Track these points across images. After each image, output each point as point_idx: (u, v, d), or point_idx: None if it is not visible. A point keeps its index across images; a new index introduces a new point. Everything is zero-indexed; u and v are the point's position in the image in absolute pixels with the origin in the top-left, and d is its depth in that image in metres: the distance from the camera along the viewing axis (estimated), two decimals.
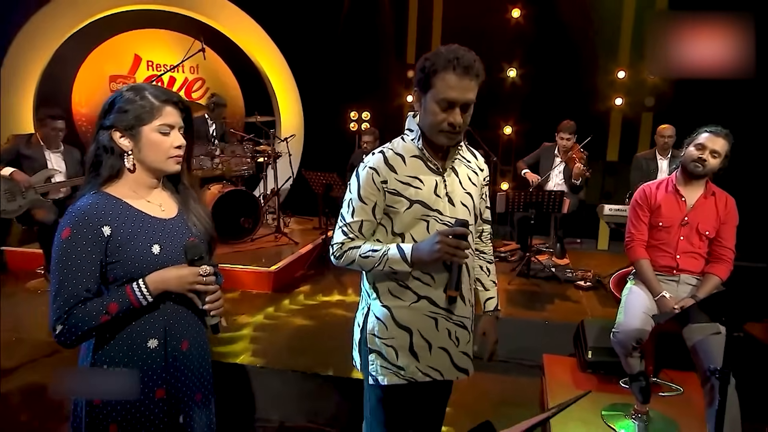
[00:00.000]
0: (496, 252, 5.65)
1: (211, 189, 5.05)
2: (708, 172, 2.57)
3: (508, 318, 4.18)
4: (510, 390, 3.63)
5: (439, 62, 1.59)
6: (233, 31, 6.90)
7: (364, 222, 1.71)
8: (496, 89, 6.78)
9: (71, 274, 1.32)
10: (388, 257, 1.66)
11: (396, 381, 1.74)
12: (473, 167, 1.84)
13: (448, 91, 1.59)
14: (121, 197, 1.42)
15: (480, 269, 1.97)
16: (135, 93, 1.41)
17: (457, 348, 1.79)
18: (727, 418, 2.28)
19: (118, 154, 1.42)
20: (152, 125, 1.41)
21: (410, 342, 1.74)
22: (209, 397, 1.58)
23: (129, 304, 1.35)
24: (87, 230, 1.34)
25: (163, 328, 1.44)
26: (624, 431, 2.80)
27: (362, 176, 1.71)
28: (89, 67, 6.61)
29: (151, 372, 1.42)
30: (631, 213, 2.75)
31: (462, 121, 1.63)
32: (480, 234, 1.96)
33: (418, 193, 1.69)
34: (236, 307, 4.10)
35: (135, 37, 6.77)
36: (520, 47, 6.70)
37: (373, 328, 1.77)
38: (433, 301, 1.72)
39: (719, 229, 2.60)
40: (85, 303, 1.33)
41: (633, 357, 2.62)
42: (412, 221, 1.70)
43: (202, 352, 1.55)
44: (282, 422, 3.04)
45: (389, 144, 1.78)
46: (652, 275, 2.62)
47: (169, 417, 1.45)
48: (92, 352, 1.40)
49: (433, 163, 1.72)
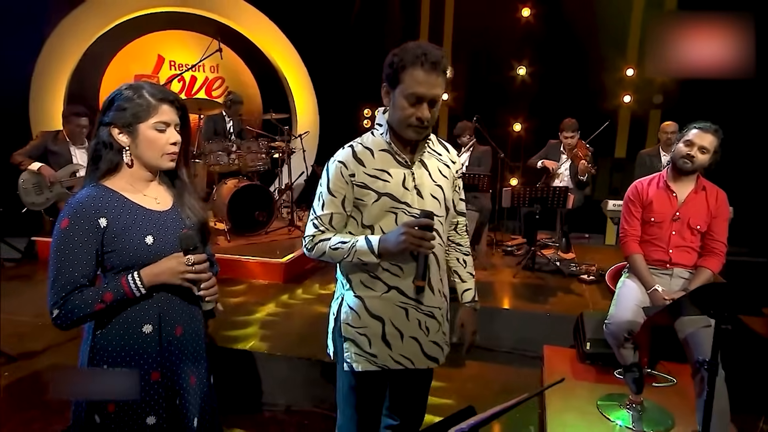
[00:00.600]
0: (503, 246, 5.65)
1: (228, 183, 5.13)
2: (697, 168, 2.55)
3: (511, 310, 4.20)
4: (512, 380, 3.65)
5: (407, 58, 1.58)
6: (251, 32, 6.98)
7: (334, 215, 1.72)
8: (506, 87, 6.75)
9: (68, 261, 1.37)
10: (356, 249, 1.66)
11: (369, 368, 1.75)
12: (444, 160, 1.83)
13: (416, 86, 1.58)
14: (118, 190, 1.47)
15: (456, 261, 1.97)
16: (133, 91, 1.45)
17: (427, 337, 1.79)
18: (715, 409, 2.28)
19: (116, 149, 1.46)
20: (149, 123, 1.45)
21: (383, 331, 1.75)
22: (204, 380, 1.61)
23: (123, 294, 1.39)
24: (84, 221, 1.38)
25: (157, 315, 1.48)
26: (618, 420, 2.80)
27: (331, 170, 1.71)
28: (116, 66, 6.75)
29: (146, 356, 1.46)
30: (624, 209, 2.74)
31: (430, 115, 1.62)
32: (455, 226, 1.95)
33: (386, 186, 1.69)
34: (248, 297, 4.17)
35: (158, 38, 6.89)
36: (530, 46, 6.65)
37: (346, 318, 1.77)
38: (403, 292, 1.73)
39: (711, 223, 2.58)
40: (81, 290, 1.38)
41: (625, 348, 2.62)
42: (380, 213, 1.70)
43: (196, 338, 1.59)
44: (288, 406, 3.10)
45: (359, 138, 1.78)
46: (644, 269, 2.61)
47: (166, 399, 1.49)
48: (92, 336, 1.45)
49: (402, 156, 1.72)
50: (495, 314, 4.12)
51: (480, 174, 4.90)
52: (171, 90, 1.53)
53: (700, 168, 2.56)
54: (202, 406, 1.60)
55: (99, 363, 1.43)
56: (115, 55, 6.71)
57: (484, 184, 4.88)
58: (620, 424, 2.78)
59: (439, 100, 1.65)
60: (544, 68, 6.60)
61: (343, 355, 1.78)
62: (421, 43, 1.62)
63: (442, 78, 1.62)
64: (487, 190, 5.05)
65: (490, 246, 5.69)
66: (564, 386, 3.19)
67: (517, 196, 4.74)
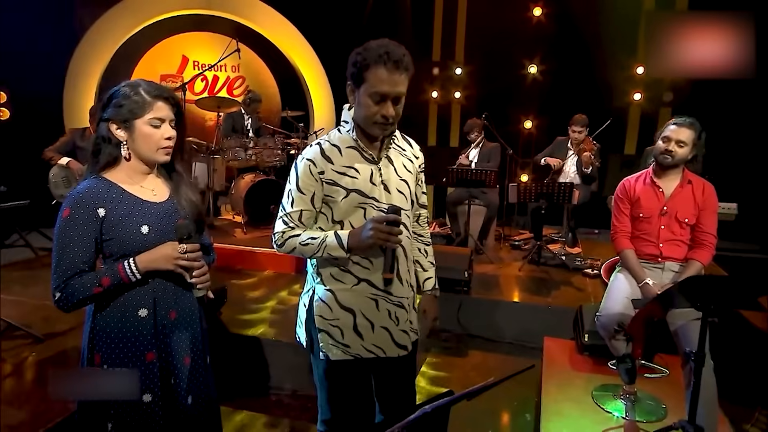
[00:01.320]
0: (511, 240, 5.63)
1: (245, 178, 5.21)
2: (678, 162, 2.53)
3: (514, 302, 4.19)
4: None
5: (370, 57, 1.57)
6: (271, 33, 7.05)
7: (304, 211, 1.70)
8: (518, 85, 6.70)
9: (69, 248, 1.42)
10: (326, 244, 1.66)
11: (343, 357, 1.75)
12: (408, 155, 1.83)
13: (379, 85, 1.57)
14: (117, 182, 1.51)
15: (418, 251, 1.97)
16: (130, 89, 1.48)
17: (397, 327, 1.79)
18: (703, 399, 2.27)
19: (115, 143, 1.50)
20: (144, 119, 1.48)
21: (354, 322, 1.75)
22: (199, 361, 1.65)
23: (119, 279, 1.44)
24: (84, 211, 1.43)
25: (152, 299, 1.52)
26: (612, 410, 2.79)
27: (300, 168, 1.69)
28: (143, 67, 6.89)
29: (141, 337, 1.50)
30: (614, 207, 2.74)
31: (394, 113, 1.62)
32: (417, 218, 1.95)
33: (355, 183, 1.69)
34: (261, 286, 4.25)
35: (183, 39, 7.02)
36: (541, 44, 6.59)
37: (318, 310, 1.76)
38: (373, 284, 1.73)
39: (699, 215, 2.55)
40: (81, 275, 1.43)
41: (617, 340, 2.61)
42: (349, 209, 1.70)
43: (191, 322, 1.62)
44: (294, 391, 3.15)
45: (326, 136, 1.77)
46: (635, 264, 2.60)
47: (161, 378, 1.53)
48: (92, 318, 1.50)
49: (368, 153, 1.71)
50: (498, 306, 4.12)
51: (487, 170, 4.89)
52: (167, 87, 1.57)
53: (681, 161, 2.54)
54: (198, 386, 1.63)
55: (98, 343, 1.49)
56: (143, 56, 6.86)
57: (491, 180, 4.86)
58: (613, 414, 2.77)
59: (403, 98, 1.64)
60: (555, 66, 6.53)
61: (318, 345, 1.78)
62: (383, 41, 1.61)
63: (405, 76, 1.61)
64: (494, 186, 5.03)
65: (498, 240, 5.67)
66: (561, 376, 3.18)
67: (523, 192, 4.72)
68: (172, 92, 1.56)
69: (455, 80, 7.03)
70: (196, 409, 1.62)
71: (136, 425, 1.49)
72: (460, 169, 4.93)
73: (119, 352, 1.49)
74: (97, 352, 1.49)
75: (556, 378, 3.17)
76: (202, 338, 1.67)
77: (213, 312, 3.41)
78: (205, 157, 5.26)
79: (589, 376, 3.15)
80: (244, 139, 5.38)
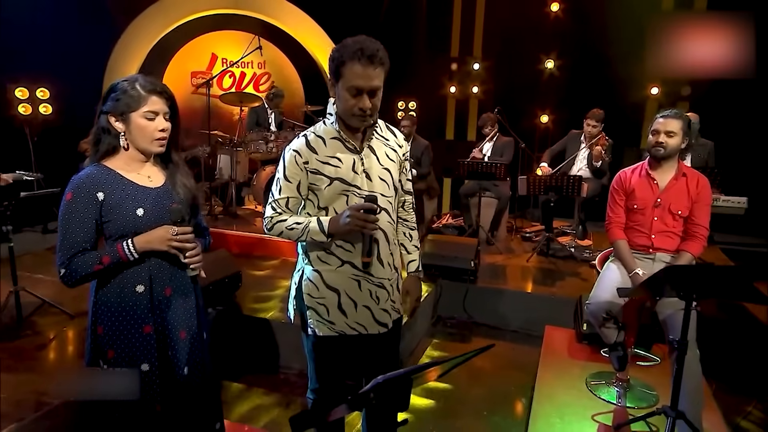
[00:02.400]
0: (522, 232, 5.60)
1: (266, 170, 5.33)
2: (670, 153, 2.51)
3: (519, 292, 4.19)
4: (514, 356, 3.67)
5: (346, 54, 1.62)
6: (295, 30, 7.13)
7: (290, 198, 1.77)
8: (534, 80, 6.62)
9: (72, 229, 1.51)
10: (309, 229, 1.73)
11: (328, 333, 1.82)
12: (392, 145, 1.86)
13: (355, 79, 1.63)
14: (115, 169, 1.59)
15: (404, 235, 2.01)
16: (127, 84, 1.55)
17: (377, 306, 1.84)
18: (688, 387, 2.26)
19: (114, 134, 1.57)
20: (139, 112, 1.55)
21: (338, 301, 1.81)
22: (194, 336, 1.72)
23: (118, 258, 1.52)
24: (84, 195, 1.52)
25: (148, 277, 1.60)
26: (604, 397, 2.79)
27: (287, 158, 1.76)
28: (175, 64, 7.09)
29: (139, 311, 1.59)
30: (609, 198, 2.73)
31: (371, 105, 1.67)
32: (403, 204, 1.99)
33: (338, 171, 1.74)
34: (276, 272, 4.35)
35: (212, 37, 7.17)
36: (558, 39, 6.49)
37: (307, 288, 1.83)
38: (355, 266, 1.79)
39: (692, 208, 2.52)
40: (83, 253, 1.52)
41: (607, 328, 2.61)
42: (333, 196, 1.75)
43: (185, 298, 1.70)
44: (301, 370, 3.23)
45: (312, 128, 1.83)
46: (627, 254, 2.58)
47: (158, 350, 1.62)
48: (95, 294, 1.59)
49: (351, 143, 1.76)
50: (504, 295, 4.13)
51: (497, 163, 4.87)
52: (161, 82, 1.63)
53: (674, 151, 2.51)
54: (194, 358, 1.71)
55: (100, 317, 1.58)
56: (175, 54, 7.05)
57: (501, 173, 4.85)
58: (605, 400, 2.77)
59: (379, 91, 1.68)
60: (572, 61, 6.43)
61: (307, 322, 1.86)
62: (359, 38, 1.66)
63: (380, 69, 1.65)
64: (504, 178, 5.02)
65: (510, 232, 5.65)
66: (558, 363, 3.19)
67: (532, 184, 4.69)
68: (165, 87, 1.62)
69: (473, 75, 6.99)
70: (192, 379, 1.70)
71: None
72: (471, 162, 4.94)
73: (119, 324, 1.57)
74: (100, 324, 1.58)
75: (552, 365, 3.18)
76: (197, 314, 1.74)
77: (228, 295, 3.54)
78: (229, 150, 5.40)
79: (585, 363, 3.15)
80: (266, 132, 5.50)
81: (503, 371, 3.49)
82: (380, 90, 1.70)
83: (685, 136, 2.51)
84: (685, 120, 2.51)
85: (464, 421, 2.92)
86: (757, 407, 3.01)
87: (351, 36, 1.70)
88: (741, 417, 2.92)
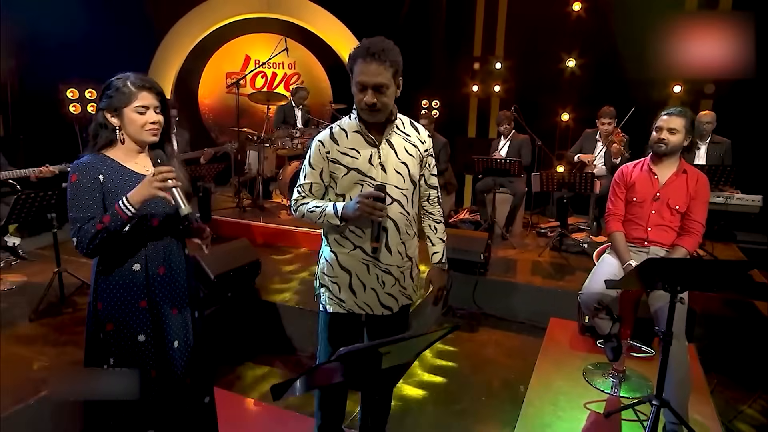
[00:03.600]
0: (537, 228, 5.58)
1: (291, 165, 5.48)
2: (672, 149, 2.49)
3: (528, 285, 4.19)
4: (519, 346, 3.71)
5: (357, 53, 1.72)
6: (323, 32, 7.26)
7: (313, 184, 1.89)
8: (556, 78, 6.54)
9: (79, 204, 1.60)
10: (325, 213, 1.83)
11: (338, 310, 1.94)
12: (413, 140, 1.93)
13: (359, 75, 1.72)
14: (113, 158, 1.69)
15: (429, 228, 2.08)
16: (120, 81, 1.64)
17: (383, 290, 1.93)
18: (675, 377, 2.28)
19: (110, 129, 1.67)
20: (131, 107, 1.63)
21: (350, 281, 1.91)
22: (186, 313, 1.82)
23: (116, 214, 1.57)
24: (87, 175, 1.61)
25: (144, 256, 1.70)
26: (599, 386, 2.81)
27: (312, 148, 1.89)
28: (211, 66, 7.36)
29: (135, 288, 1.69)
30: (610, 191, 2.72)
31: (375, 100, 1.73)
32: (428, 197, 2.05)
33: (355, 162, 1.83)
34: (296, 261, 4.49)
35: (246, 40, 7.39)
36: (580, 38, 6.38)
37: (323, 268, 1.97)
38: (365, 251, 1.88)
39: (690, 204, 2.51)
40: (89, 221, 1.58)
41: (600, 318, 2.63)
42: (349, 185, 1.85)
43: (178, 278, 1.79)
44: (314, 353, 3.36)
45: (339, 121, 1.93)
46: (623, 246, 2.59)
47: (152, 323, 1.72)
48: (95, 274, 1.71)
49: (370, 137, 1.84)
50: (513, 288, 4.15)
51: (512, 160, 4.89)
52: (151, 79, 1.71)
53: (676, 148, 2.50)
54: (184, 334, 1.81)
55: (100, 294, 1.69)
56: (212, 56, 7.31)
57: (515, 170, 4.86)
58: (600, 389, 2.79)
59: (385, 87, 1.74)
60: (593, 60, 6.32)
61: (321, 298, 1.99)
62: (372, 38, 1.74)
63: (384, 67, 1.71)
64: (519, 175, 5.02)
65: (526, 228, 5.64)
66: (558, 353, 3.21)
67: (546, 181, 4.68)
68: (154, 83, 1.70)
69: (495, 74, 6.96)
70: (181, 353, 1.80)
71: (132, 360, 1.70)
72: (485, 159, 4.96)
73: (117, 300, 1.68)
74: (100, 301, 1.69)
75: (552, 355, 3.20)
76: (189, 294, 1.83)
77: (248, 282, 3.70)
78: (257, 146, 5.58)
79: (584, 355, 3.16)
80: (292, 129, 5.66)
81: (506, 360, 3.53)
82: (388, 87, 1.75)
83: (687, 134, 2.49)
84: (688, 118, 2.49)
85: (463, 405, 2.99)
86: (763, 397, 3.00)
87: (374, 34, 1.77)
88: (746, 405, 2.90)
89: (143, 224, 1.70)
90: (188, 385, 1.84)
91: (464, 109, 7.27)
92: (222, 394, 2.70)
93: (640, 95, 5.84)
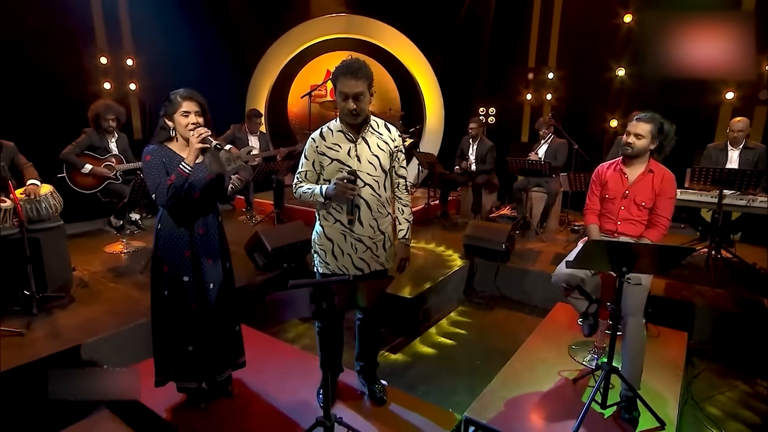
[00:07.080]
0: (572, 225, 5.56)
1: None
2: (638, 152, 2.57)
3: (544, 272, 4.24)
4: (526, 324, 3.84)
5: (338, 70, 2.08)
6: (394, 49, 7.65)
7: (308, 172, 2.26)
8: (605, 87, 6.41)
9: (154, 175, 2.08)
10: (314, 193, 2.20)
11: (326, 271, 2.31)
12: (384, 138, 2.24)
13: (341, 87, 2.07)
14: (171, 148, 2.18)
15: (398, 210, 2.38)
16: (172, 95, 2.11)
17: (356, 254, 2.27)
18: (631, 350, 2.41)
19: (167, 130, 2.15)
20: (179, 112, 2.10)
21: (332, 248, 2.27)
22: (219, 264, 2.27)
23: (180, 174, 2.05)
24: (156, 157, 2.13)
25: (188, 220, 2.19)
26: (579, 359, 2.94)
27: (307, 142, 2.26)
28: (299, 80, 8.05)
29: (182, 241, 2.18)
30: (589, 187, 2.84)
31: (355, 106, 2.07)
32: (397, 185, 2.34)
33: (337, 154, 2.19)
34: None
35: (328, 57, 7.98)
36: (631, 48, 6.20)
37: (315, 237, 2.34)
38: (343, 224, 2.23)
39: (656, 200, 2.57)
40: (161, 184, 2.09)
41: (574, 298, 2.77)
42: (333, 172, 2.19)
43: (212, 237, 2.25)
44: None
45: (329, 123, 2.27)
46: (596, 236, 2.72)
47: (193, 268, 2.20)
48: (156, 231, 2.19)
49: (349, 135, 2.19)
50: (530, 275, 4.28)
51: (543, 161, 4.97)
52: (194, 91, 2.15)
53: (642, 152, 2.57)
54: (216, 278, 2.26)
55: (159, 245, 2.19)
56: (299, 73, 8.04)
57: (546, 170, 4.94)
58: (578, 362, 2.92)
59: (362, 95, 2.07)
60: (643, 68, 6.11)
61: (315, 263, 2.37)
62: (349, 60, 2.09)
63: (361, 81, 2.05)
64: (550, 175, 5.08)
65: (561, 224, 5.65)
66: (551, 331, 3.35)
67: (574, 181, 4.72)
68: (196, 93, 2.15)
69: (548, 83, 6.95)
70: (215, 293, 2.28)
71: (179, 295, 2.21)
72: (518, 160, 5.08)
73: (169, 250, 2.18)
74: (158, 250, 2.20)
75: (546, 331, 3.34)
76: (220, 249, 2.29)
77: (300, 256, 4.21)
78: None
79: (576, 334, 3.25)
80: None
81: (508, 335, 3.70)
82: (364, 95, 2.10)
83: (654, 139, 2.56)
84: (656, 124, 2.56)
85: (458, 365, 3.26)
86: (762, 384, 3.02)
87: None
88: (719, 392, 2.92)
89: (189, 196, 2.19)
90: (220, 316, 2.32)
91: (518, 115, 7.32)
92: (254, 333, 3.20)
93: (692, 100, 5.59)
